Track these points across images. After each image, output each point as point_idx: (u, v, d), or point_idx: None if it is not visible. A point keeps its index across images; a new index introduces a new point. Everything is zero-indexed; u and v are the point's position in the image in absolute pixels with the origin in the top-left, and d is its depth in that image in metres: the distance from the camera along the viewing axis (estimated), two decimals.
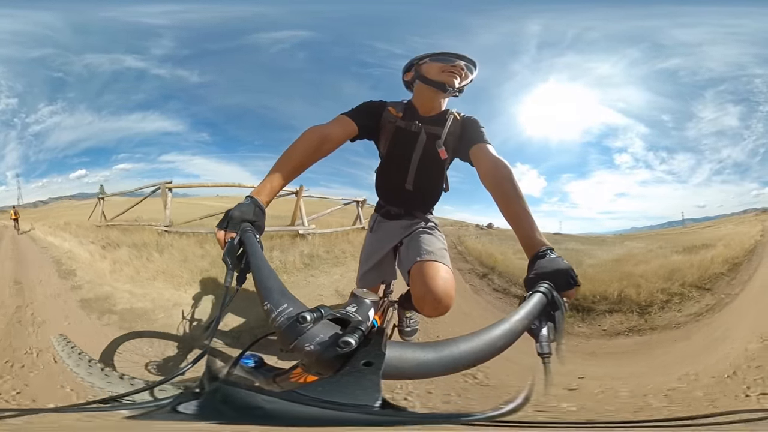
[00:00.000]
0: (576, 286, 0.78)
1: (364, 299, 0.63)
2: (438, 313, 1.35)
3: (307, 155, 1.17)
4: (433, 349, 0.55)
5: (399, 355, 0.53)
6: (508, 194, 1.08)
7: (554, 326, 0.70)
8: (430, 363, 0.54)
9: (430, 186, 1.56)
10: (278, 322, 0.59)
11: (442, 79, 1.40)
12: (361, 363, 0.50)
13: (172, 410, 0.53)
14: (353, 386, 0.47)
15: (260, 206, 1.00)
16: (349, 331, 0.55)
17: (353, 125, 1.35)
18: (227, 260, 0.83)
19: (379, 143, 1.52)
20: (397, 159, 1.50)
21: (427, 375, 0.54)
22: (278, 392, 0.53)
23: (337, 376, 0.50)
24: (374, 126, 1.45)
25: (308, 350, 0.55)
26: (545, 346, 0.67)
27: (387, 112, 1.47)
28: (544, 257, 0.83)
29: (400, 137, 1.47)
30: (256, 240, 0.85)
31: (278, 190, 1.09)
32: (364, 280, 1.61)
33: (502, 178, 1.13)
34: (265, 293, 0.63)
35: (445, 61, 1.41)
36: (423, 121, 1.46)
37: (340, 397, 0.46)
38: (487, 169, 1.22)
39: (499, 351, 0.58)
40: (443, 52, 1.43)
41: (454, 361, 0.54)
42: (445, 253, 1.46)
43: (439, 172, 1.53)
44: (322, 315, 0.57)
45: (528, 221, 0.97)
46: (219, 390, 0.50)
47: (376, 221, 1.66)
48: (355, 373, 0.49)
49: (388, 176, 1.57)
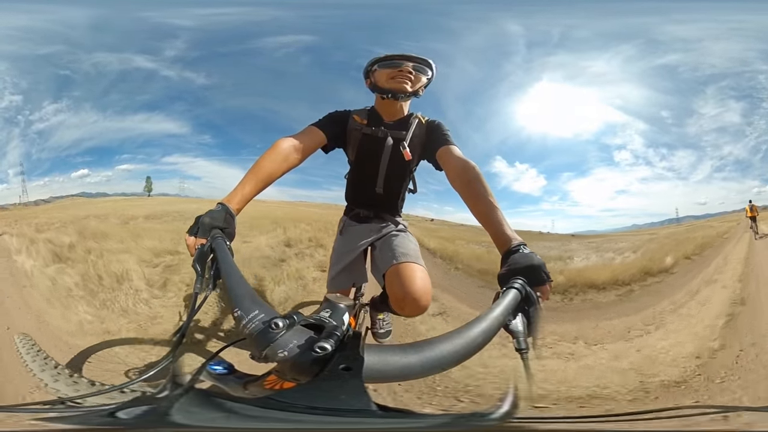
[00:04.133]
0: (549, 282, 0.79)
1: (338, 304, 0.62)
2: (417, 313, 1.37)
3: (276, 165, 1.21)
4: (414, 351, 0.54)
5: (380, 358, 0.53)
6: (478, 193, 1.08)
7: (529, 322, 0.71)
8: (413, 365, 0.54)
9: (398, 189, 1.60)
10: (249, 328, 0.58)
11: (391, 86, 1.42)
12: (339, 368, 0.49)
13: (109, 415, 0.51)
14: (337, 391, 0.47)
15: (231, 213, 1.02)
16: (325, 335, 0.54)
17: (321, 134, 1.38)
18: (197, 267, 0.84)
19: (347, 151, 1.56)
20: (365, 165, 1.53)
21: (410, 377, 0.54)
22: (251, 398, 0.52)
23: (316, 381, 0.49)
24: (341, 134, 1.49)
25: (282, 356, 0.54)
26: (522, 342, 0.67)
27: (352, 120, 1.50)
28: (516, 252, 0.83)
29: (366, 143, 1.50)
30: (226, 246, 0.86)
31: (250, 198, 1.12)
32: (334, 283, 1.61)
33: (470, 179, 1.14)
34: (236, 300, 0.63)
35: (392, 66, 1.41)
36: (388, 126, 1.49)
37: (323, 402, 0.45)
38: (456, 170, 1.24)
39: (478, 349, 0.59)
40: (389, 55, 1.43)
41: (436, 361, 0.55)
42: (419, 255, 1.48)
43: (406, 175, 1.57)
44: (295, 321, 0.56)
45: (498, 217, 0.98)
46: (176, 396, 0.48)
47: (345, 224, 1.67)
48: (336, 378, 0.48)
49: (358, 181, 1.61)
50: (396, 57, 1.42)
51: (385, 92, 1.44)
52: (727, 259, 5.73)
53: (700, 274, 4.97)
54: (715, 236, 7.62)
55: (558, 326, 3.22)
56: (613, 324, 3.42)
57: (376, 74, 1.46)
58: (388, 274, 1.41)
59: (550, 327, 3.19)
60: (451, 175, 1.24)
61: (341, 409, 0.44)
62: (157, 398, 0.51)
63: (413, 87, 1.43)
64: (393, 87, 1.42)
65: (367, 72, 1.50)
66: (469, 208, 1.09)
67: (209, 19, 8.54)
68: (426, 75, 1.45)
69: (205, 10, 8.20)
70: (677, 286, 4.55)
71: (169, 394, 0.50)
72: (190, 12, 8.44)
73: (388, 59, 1.43)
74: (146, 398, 0.53)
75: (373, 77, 1.47)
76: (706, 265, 5.46)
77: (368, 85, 1.51)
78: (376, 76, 1.46)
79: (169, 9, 8.40)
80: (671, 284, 4.70)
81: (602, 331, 3.25)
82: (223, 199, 1.05)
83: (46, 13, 7.14)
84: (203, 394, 0.51)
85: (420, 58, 1.42)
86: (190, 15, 8.39)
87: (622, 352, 2.79)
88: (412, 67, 1.41)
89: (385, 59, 1.43)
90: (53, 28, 7.43)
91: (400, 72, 1.40)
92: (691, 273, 5.16)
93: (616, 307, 4.01)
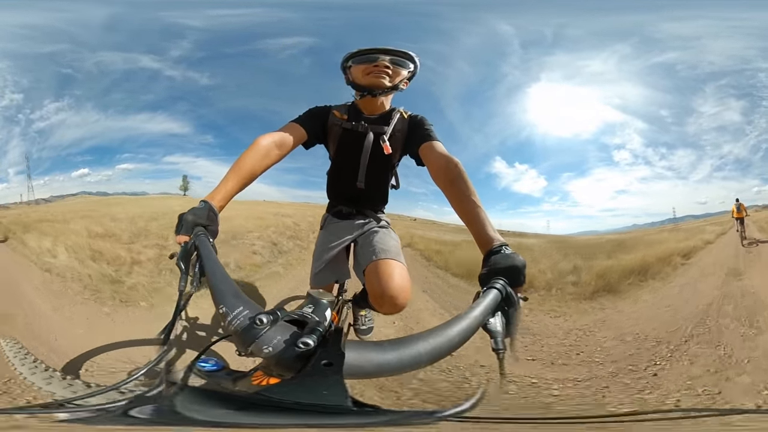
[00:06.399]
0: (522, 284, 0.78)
1: (321, 300, 0.63)
2: (395, 311, 1.36)
3: (256, 161, 1.20)
4: (392, 348, 0.55)
5: (359, 354, 0.54)
6: (461, 192, 1.07)
7: (508, 322, 0.71)
8: (391, 362, 0.54)
9: (380, 184, 1.57)
10: (234, 325, 0.58)
11: (367, 82, 1.37)
12: (321, 363, 0.51)
13: (123, 414, 0.52)
14: (318, 386, 0.48)
15: (214, 210, 1.01)
16: (307, 331, 0.55)
17: (301, 130, 1.36)
18: (180, 265, 0.84)
19: (328, 146, 1.54)
20: (346, 160, 1.50)
21: (388, 373, 0.55)
22: (240, 394, 0.54)
23: (299, 377, 0.51)
24: (321, 130, 1.46)
25: (266, 352, 0.55)
26: (499, 342, 0.67)
27: (332, 115, 1.47)
28: (498, 252, 0.83)
29: (347, 139, 1.47)
30: (209, 243, 0.86)
31: (232, 194, 1.12)
32: (317, 279, 1.60)
33: (454, 176, 1.12)
34: (220, 297, 0.63)
35: (367, 61, 1.36)
36: (368, 121, 1.45)
37: (305, 398, 0.46)
38: (439, 167, 1.21)
39: (455, 347, 0.60)
40: (363, 50, 1.36)
41: (414, 359, 0.55)
42: (400, 252, 1.46)
43: (388, 170, 1.54)
44: (278, 317, 0.57)
45: (481, 217, 0.96)
46: (176, 394, 0.49)
47: (327, 221, 1.66)
48: (317, 374, 0.49)
49: (339, 177, 1.58)
50: (371, 51, 1.36)
51: (361, 89, 1.40)
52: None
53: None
54: (669, 254, 5.10)
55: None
56: None
57: (352, 70, 1.40)
58: (367, 270, 1.40)
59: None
60: (434, 172, 1.21)
61: (321, 405, 0.45)
62: (158, 396, 0.53)
63: (392, 81, 1.37)
64: (369, 83, 1.37)
65: (344, 68, 1.44)
66: (452, 205, 1.08)
67: (218, 20, 8.49)
68: (406, 68, 1.39)
69: (218, 11, 8.14)
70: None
71: (165, 392, 0.52)
72: (202, 12, 8.39)
73: (362, 54, 1.37)
74: (148, 397, 0.54)
75: (350, 73, 1.42)
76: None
77: (346, 81, 1.47)
78: (352, 72, 1.41)
79: (185, 9, 8.34)
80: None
81: None
82: (206, 197, 1.05)
83: (58, 11, 7.03)
84: (197, 390, 0.52)
85: (398, 51, 1.36)
86: (202, 15, 8.33)
87: None
88: (389, 61, 1.35)
89: (359, 54, 1.37)
90: (59, 27, 7.32)
91: (375, 67, 1.35)
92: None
93: None
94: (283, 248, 6.31)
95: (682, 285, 4.15)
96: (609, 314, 3.49)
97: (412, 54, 1.39)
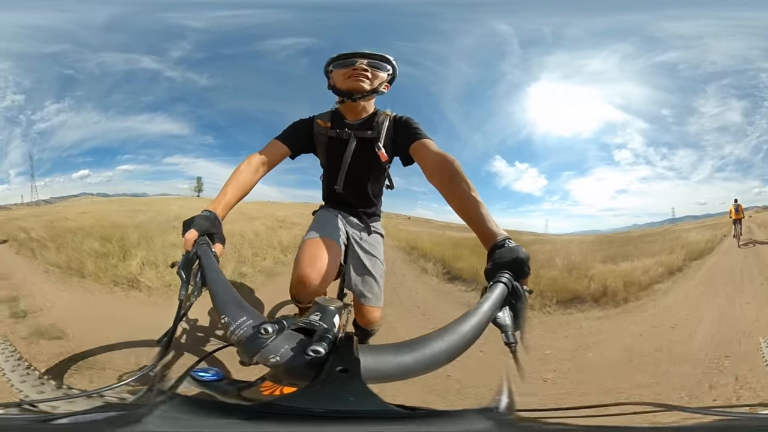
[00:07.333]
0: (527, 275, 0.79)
1: (328, 306, 0.62)
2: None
3: (249, 177, 1.29)
4: (409, 350, 0.54)
5: (376, 359, 0.52)
6: (459, 188, 1.04)
7: (516, 315, 0.70)
8: (409, 364, 0.53)
9: (365, 188, 1.56)
10: (237, 335, 0.57)
11: (347, 86, 1.38)
12: (336, 370, 0.49)
13: (105, 420, 0.50)
14: (342, 392, 0.46)
15: (218, 219, 1.05)
16: (316, 339, 0.54)
17: (284, 147, 1.41)
18: (182, 273, 0.84)
19: (317, 155, 1.56)
20: (333, 167, 1.51)
21: (407, 376, 0.53)
22: (249, 404, 0.53)
23: (316, 385, 0.48)
24: (306, 142, 1.49)
25: (274, 361, 0.53)
26: (510, 335, 0.67)
27: (316, 125, 1.48)
28: (502, 246, 0.82)
29: (332, 146, 1.48)
30: (211, 253, 0.87)
31: (233, 204, 1.19)
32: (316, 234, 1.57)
33: (451, 175, 1.09)
34: (222, 306, 0.63)
35: (346, 66, 1.38)
36: (352, 126, 1.45)
37: (332, 405, 0.44)
38: (433, 165, 1.18)
39: (469, 344, 0.59)
40: (342, 54, 1.38)
41: (431, 359, 0.54)
42: (380, 285, 1.55)
43: (375, 174, 1.53)
44: (284, 326, 0.56)
45: (481, 213, 0.94)
46: (158, 403, 0.47)
47: (321, 208, 1.68)
48: (335, 381, 0.48)
49: (328, 184, 1.59)
50: (348, 55, 1.37)
51: (341, 94, 1.40)
52: None
53: None
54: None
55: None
56: None
57: (333, 75, 1.41)
58: (353, 300, 1.57)
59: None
60: (429, 171, 1.19)
61: (357, 410, 0.44)
62: (131, 405, 0.50)
63: (371, 85, 1.37)
64: (349, 87, 1.37)
65: (326, 72, 1.46)
66: (450, 204, 1.05)
67: (218, 21, 8.49)
68: (385, 71, 1.40)
69: (218, 12, 8.13)
70: None
71: (145, 401, 0.49)
72: (202, 14, 8.39)
73: (341, 58, 1.38)
74: (117, 405, 0.52)
75: (332, 78, 1.43)
76: None
77: (327, 86, 1.47)
78: (333, 77, 1.42)
79: (187, 11, 8.33)
80: None
81: None
82: (209, 206, 1.09)
83: (61, 11, 7.01)
84: (190, 401, 0.50)
85: (374, 54, 1.37)
86: (202, 17, 8.33)
87: None
88: (367, 64, 1.36)
89: (339, 58, 1.39)
90: (63, 27, 7.30)
91: (354, 71, 1.36)
92: None
93: None
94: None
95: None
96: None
97: (389, 57, 1.40)
